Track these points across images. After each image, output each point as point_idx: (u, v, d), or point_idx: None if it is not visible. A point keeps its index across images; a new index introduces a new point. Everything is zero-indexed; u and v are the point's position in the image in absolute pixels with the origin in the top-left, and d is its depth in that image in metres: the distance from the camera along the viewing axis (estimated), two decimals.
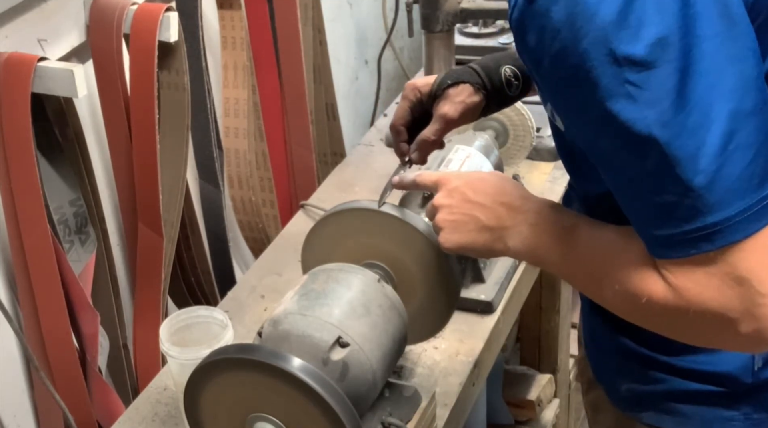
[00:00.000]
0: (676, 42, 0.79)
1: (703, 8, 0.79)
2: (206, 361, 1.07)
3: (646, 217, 0.87)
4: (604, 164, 0.90)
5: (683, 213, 0.83)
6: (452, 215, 1.09)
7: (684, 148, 0.81)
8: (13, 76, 1.33)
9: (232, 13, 1.83)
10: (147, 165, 1.52)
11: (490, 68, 1.26)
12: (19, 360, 1.50)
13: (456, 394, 1.34)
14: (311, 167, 2.02)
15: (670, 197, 0.83)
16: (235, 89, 1.87)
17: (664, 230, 0.85)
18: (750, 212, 0.82)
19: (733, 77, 0.81)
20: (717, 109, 0.80)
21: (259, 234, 1.98)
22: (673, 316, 0.88)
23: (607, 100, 0.82)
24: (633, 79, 0.80)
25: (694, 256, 0.84)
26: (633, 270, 0.90)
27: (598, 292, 0.97)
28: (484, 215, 1.06)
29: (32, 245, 1.39)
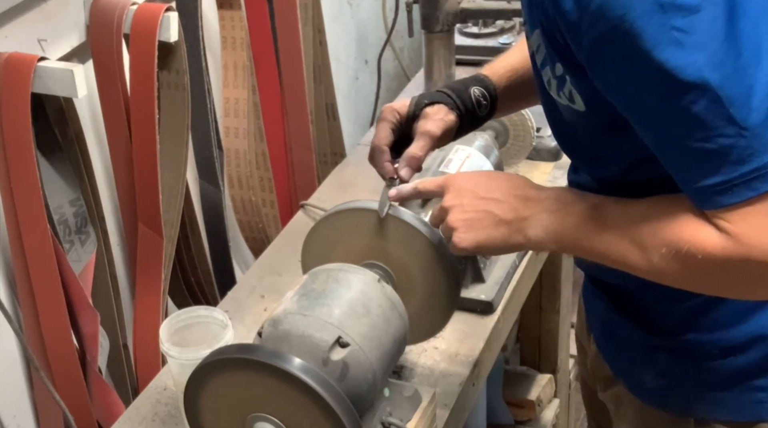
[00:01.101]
0: None
1: None
2: (206, 361, 1.07)
3: (697, 168, 0.87)
4: (647, 122, 0.90)
5: (738, 155, 0.83)
6: (465, 214, 1.08)
7: (737, 87, 0.82)
8: (13, 76, 1.33)
9: (232, 13, 1.83)
10: (147, 165, 1.52)
11: (460, 91, 1.26)
12: (19, 360, 1.50)
13: (456, 394, 1.34)
14: (311, 167, 2.02)
15: (724, 141, 0.83)
16: (235, 89, 1.87)
17: (717, 177, 0.85)
18: None
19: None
20: (765, 46, 0.81)
21: (259, 234, 1.98)
22: (733, 267, 0.88)
23: (654, 50, 0.83)
24: (680, 25, 0.81)
25: (751, 199, 0.85)
26: (682, 229, 0.90)
27: (641, 262, 0.95)
28: (500, 210, 1.06)
29: (32, 245, 1.39)
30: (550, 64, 1.01)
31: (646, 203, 0.95)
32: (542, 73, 1.05)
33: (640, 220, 0.95)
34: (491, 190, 1.08)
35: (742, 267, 0.88)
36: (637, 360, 1.21)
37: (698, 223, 0.90)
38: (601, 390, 1.34)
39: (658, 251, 0.92)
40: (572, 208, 1.01)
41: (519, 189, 1.07)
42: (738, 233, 0.87)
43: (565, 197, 1.03)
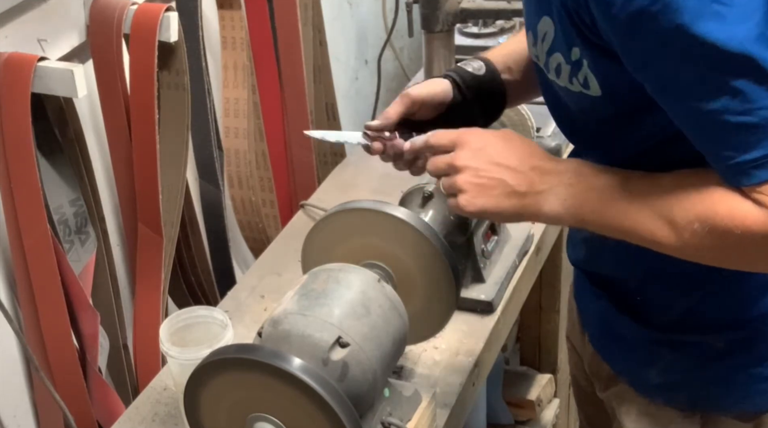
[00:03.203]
0: None
1: None
2: (206, 361, 1.07)
3: (735, 143, 0.86)
4: (684, 99, 0.89)
5: None
6: (478, 178, 1.04)
7: None
8: (13, 76, 1.33)
9: (232, 13, 1.83)
10: (147, 165, 1.52)
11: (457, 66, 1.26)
12: (19, 360, 1.50)
13: (456, 394, 1.34)
14: (311, 167, 2.02)
15: (765, 113, 0.83)
16: (235, 89, 1.87)
17: (757, 151, 0.85)
18: None
19: None
20: None
21: (259, 234, 1.98)
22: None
23: (694, 24, 0.82)
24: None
25: None
26: (716, 204, 0.89)
27: (671, 238, 0.94)
28: (514, 180, 1.03)
29: (32, 245, 1.39)
30: (563, 49, 0.98)
31: (675, 178, 0.94)
32: (549, 62, 1.02)
33: (669, 195, 0.93)
34: (508, 157, 1.04)
35: None
36: (639, 357, 1.21)
37: (735, 198, 0.89)
38: (601, 389, 1.33)
39: (690, 227, 0.91)
40: (594, 181, 0.98)
41: (536, 159, 1.03)
42: None
43: (585, 170, 1.00)
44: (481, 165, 1.04)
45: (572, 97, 1.02)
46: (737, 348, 1.12)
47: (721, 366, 1.14)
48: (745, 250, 0.91)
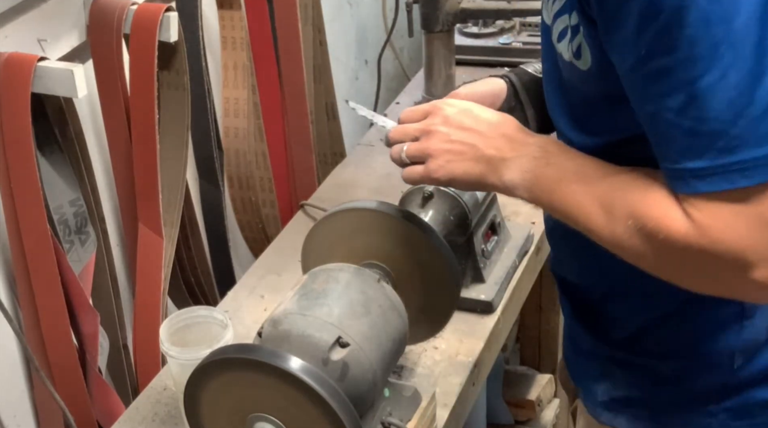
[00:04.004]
0: None
1: None
2: (206, 361, 1.07)
3: (682, 147, 0.84)
4: (646, 88, 0.86)
5: (726, 143, 0.80)
6: (449, 144, 1.04)
7: (746, 73, 0.79)
8: (13, 76, 1.33)
9: (232, 13, 1.83)
10: (147, 165, 1.52)
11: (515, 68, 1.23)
12: (19, 360, 1.50)
13: (456, 394, 1.34)
14: (311, 167, 2.02)
15: (716, 125, 0.80)
16: (235, 89, 1.87)
17: (699, 162, 0.82)
18: None
19: None
20: None
21: (259, 234, 1.98)
22: (688, 255, 0.86)
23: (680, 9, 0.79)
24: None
25: (725, 192, 0.82)
26: (652, 205, 0.87)
27: (605, 229, 0.92)
28: (483, 144, 1.02)
29: (32, 245, 1.39)
30: (568, 12, 0.96)
31: (627, 173, 0.92)
32: (556, 24, 1.00)
33: (616, 187, 0.91)
34: (479, 122, 1.04)
35: (699, 258, 0.85)
36: (591, 371, 1.18)
37: (669, 203, 0.86)
38: (569, 402, 1.31)
39: (624, 222, 0.89)
40: (555, 159, 0.98)
41: (507, 127, 1.03)
42: (703, 224, 0.84)
43: (550, 147, 0.99)
44: (452, 130, 1.04)
45: (566, 68, 1.01)
46: (684, 378, 1.09)
47: (665, 393, 1.10)
48: (665, 257, 0.89)
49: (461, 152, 1.04)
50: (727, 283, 0.88)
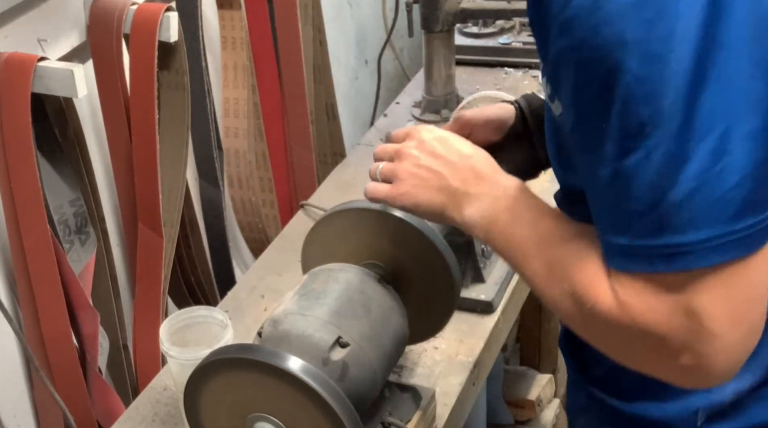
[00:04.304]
0: (694, 40, 0.72)
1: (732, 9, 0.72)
2: (206, 361, 1.07)
3: (610, 221, 0.81)
4: (584, 154, 0.83)
5: (647, 226, 0.77)
6: (417, 168, 1.03)
7: (670, 155, 0.75)
8: (13, 76, 1.33)
9: (232, 13, 1.83)
10: (147, 165, 1.52)
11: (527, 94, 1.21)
12: (19, 360, 1.50)
13: (456, 394, 1.34)
14: (311, 167, 2.02)
15: (638, 206, 0.77)
16: (235, 89, 1.87)
17: (624, 239, 0.79)
18: (716, 242, 0.75)
19: (744, 93, 0.73)
20: (715, 123, 0.73)
21: (259, 234, 1.98)
22: (613, 331, 0.83)
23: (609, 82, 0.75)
24: (637, 69, 0.74)
25: (649, 274, 0.78)
26: (586, 273, 0.84)
27: (543, 286, 0.90)
28: (450, 174, 1.01)
29: (32, 245, 1.39)
30: None
31: (577, 233, 0.88)
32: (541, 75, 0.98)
33: (560, 248, 0.88)
34: (451, 151, 1.02)
35: (621, 334, 0.82)
36: (577, 402, 1.16)
37: (601, 275, 0.82)
38: None
39: (560, 284, 0.86)
40: (515, 204, 0.95)
41: (477, 162, 1.01)
42: (625, 302, 0.80)
43: (514, 192, 0.97)
44: (423, 155, 1.03)
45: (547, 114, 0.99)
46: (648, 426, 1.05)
47: None
48: (592, 328, 0.86)
49: (427, 179, 1.02)
50: (651, 364, 0.85)
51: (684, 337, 0.78)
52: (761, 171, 0.74)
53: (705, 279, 0.76)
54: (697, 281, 0.76)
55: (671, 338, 0.78)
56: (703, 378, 0.80)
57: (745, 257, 0.76)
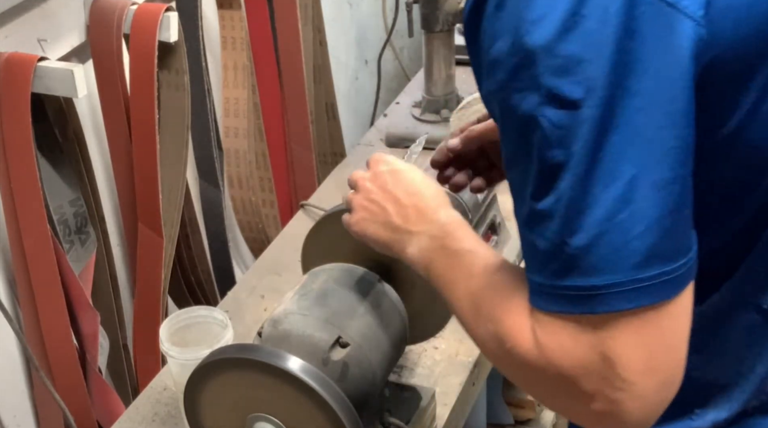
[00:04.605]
0: (603, 87, 0.72)
1: (641, 60, 0.72)
2: (206, 361, 1.07)
3: (529, 259, 0.81)
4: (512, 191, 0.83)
5: (557, 267, 0.77)
6: (367, 202, 1.05)
7: (575, 200, 0.74)
8: (13, 76, 1.33)
9: (232, 13, 1.83)
10: (147, 165, 1.52)
11: None
12: (19, 360, 1.50)
13: (456, 394, 1.34)
14: (311, 167, 2.02)
15: (549, 246, 0.77)
16: (235, 89, 1.87)
17: (538, 277, 0.79)
18: (619, 289, 0.74)
19: (652, 142, 0.73)
20: (622, 171, 0.73)
21: (259, 234, 1.98)
22: (532, 372, 0.82)
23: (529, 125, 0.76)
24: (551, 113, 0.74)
25: (562, 314, 0.78)
26: (509, 313, 0.83)
27: (471, 326, 0.90)
28: (394, 210, 1.02)
29: (32, 245, 1.39)
30: None
31: (506, 274, 0.88)
32: None
33: (488, 288, 0.88)
34: (398, 187, 1.03)
35: (539, 375, 0.81)
36: None
37: (523, 316, 0.82)
38: None
39: (485, 323, 0.86)
40: (451, 243, 0.95)
41: (422, 199, 1.01)
42: (542, 342, 0.79)
43: (451, 230, 0.96)
44: (375, 188, 1.05)
45: None
46: None
47: None
48: (512, 368, 0.85)
49: (374, 213, 1.03)
50: (567, 408, 0.84)
51: (597, 383, 0.77)
52: (669, 222, 0.74)
53: (618, 325, 0.76)
54: (611, 327, 0.76)
55: (584, 382, 0.78)
56: (615, 426, 0.79)
57: (657, 306, 0.75)
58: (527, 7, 0.73)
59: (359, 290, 1.15)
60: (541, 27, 0.72)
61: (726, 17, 0.73)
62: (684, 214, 0.75)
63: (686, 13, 0.71)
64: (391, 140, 1.98)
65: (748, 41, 0.74)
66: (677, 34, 0.72)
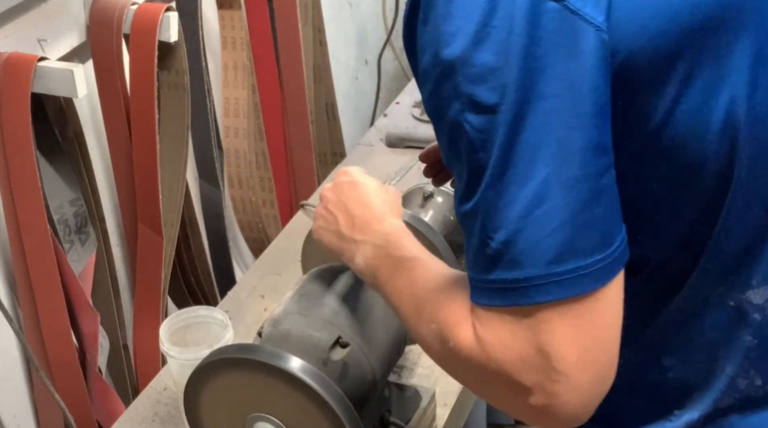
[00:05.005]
0: (513, 92, 0.76)
1: (547, 65, 0.75)
2: (206, 361, 1.07)
3: (466, 254, 0.84)
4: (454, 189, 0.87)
5: (483, 261, 0.80)
6: (325, 211, 1.09)
7: (495, 198, 0.78)
8: (13, 76, 1.33)
9: (232, 13, 1.83)
10: (147, 165, 1.52)
11: None
12: (19, 360, 1.50)
13: (456, 394, 1.34)
14: (311, 167, 2.02)
15: (476, 241, 0.80)
16: (235, 89, 1.87)
17: (472, 271, 0.82)
18: (539, 282, 0.77)
19: (559, 143, 0.76)
20: (535, 171, 0.76)
21: (259, 234, 1.98)
22: (471, 368, 0.84)
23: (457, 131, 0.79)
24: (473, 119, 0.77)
25: (501, 311, 0.80)
26: (451, 313, 0.86)
27: (416, 329, 0.92)
28: (343, 220, 1.06)
29: (32, 245, 1.39)
30: None
31: (448, 276, 0.91)
32: None
33: (431, 290, 0.91)
34: (350, 198, 1.08)
35: (481, 373, 0.83)
36: None
37: (465, 314, 0.84)
38: None
39: (428, 325, 0.88)
40: (393, 251, 0.99)
41: (370, 209, 1.06)
42: (482, 338, 0.81)
43: (394, 239, 1.00)
44: (332, 199, 1.09)
45: None
46: None
47: None
48: (456, 366, 0.87)
49: (329, 222, 1.08)
50: (507, 402, 0.85)
51: (535, 376, 0.79)
52: (581, 219, 0.77)
53: (548, 319, 0.78)
54: (542, 321, 0.78)
55: (523, 376, 0.80)
56: (554, 419, 0.81)
57: (583, 300, 0.78)
58: (445, 21, 0.77)
59: (359, 290, 1.15)
60: (457, 39, 0.76)
61: (631, 20, 0.76)
62: (598, 211, 0.77)
63: (587, 20, 0.74)
64: (391, 140, 1.98)
65: (656, 42, 0.76)
66: (580, 39, 0.74)
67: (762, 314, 0.87)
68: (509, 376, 0.81)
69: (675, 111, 0.78)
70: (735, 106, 0.79)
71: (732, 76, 0.78)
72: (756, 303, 0.86)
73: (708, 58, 0.78)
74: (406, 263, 0.96)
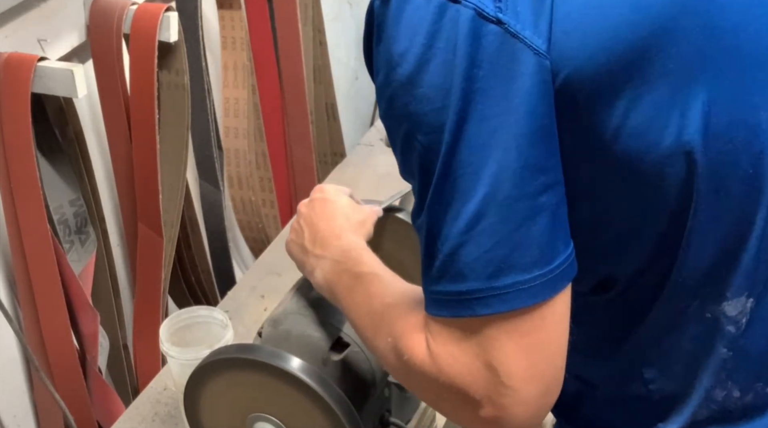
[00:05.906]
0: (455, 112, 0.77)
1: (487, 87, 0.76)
2: (206, 361, 1.07)
3: (421, 262, 0.85)
4: None
5: (433, 272, 0.82)
6: (296, 225, 1.12)
7: (442, 212, 0.80)
8: (13, 76, 1.33)
9: (232, 13, 1.83)
10: (147, 165, 1.52)
11: None
12: (19, 360, 1.50)
13: None
14: (311, 167, 2.02)
15: (427, 253, 0.82)
16: (235, 89, 1.87)
17: (424, 281, 0.83)
18: (480, 295, 0.79)
19: (498, 163, 0.77)
20: (476, 188, 0.78)
21: (259, 234, 1.98)
22: (426, 381, 0.85)
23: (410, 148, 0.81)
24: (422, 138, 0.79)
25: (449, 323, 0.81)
26: (406, 327, 0.87)
27: (372, 342, 0.94)
28: (307, 235, 1.09)
29: (32, 245, 1.39)
30: None
31: (405, 294, 0.92)
32: None
33: (388, 305, 0.92)
34: (318, 213, 1.10)
35: (434, 386, 0.84)
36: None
37: (419, 328, 0.86)
38: None
39: (384, 339, 0.90)
40: (351, 266, 1.00)
41: (332, 225, 1.08)
42: (434, 352, 0.83)
43: (352, 255, 1.02)
44: (303, 214, 1.12)
45: None
46: None
47: None
48: (411, 380, 0.88)
49: (298, 236, 1.11)
50: (459, 415, 0.86)
51: (484, 389, 0.81)
52: (518, 236, 0.78)
53: (494, 333, 0.80)
54: (489, 335, 0.80)
55: (473, 390, 0.81)
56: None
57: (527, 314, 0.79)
58: (394, 42, 0.78)
59: None
60: (404, 60, 0.78)
61: (571, 39, 0.76)
62: (536, 229, 0.78)
63: (526, 43, 0.75)
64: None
65: (598, 60, 0.76)
66: (519, 62, 0.75)
67: (736, 326, 0.87)
68: (459, 389, 0.82)
69: (625, 126, 0.78)
70: (687, 120, 0.78)
71: (683, 91, 0.78)
72: (730, 315, 0.87)
73: (655, 74, 0.78)
74: (364, 278, 0.98)
